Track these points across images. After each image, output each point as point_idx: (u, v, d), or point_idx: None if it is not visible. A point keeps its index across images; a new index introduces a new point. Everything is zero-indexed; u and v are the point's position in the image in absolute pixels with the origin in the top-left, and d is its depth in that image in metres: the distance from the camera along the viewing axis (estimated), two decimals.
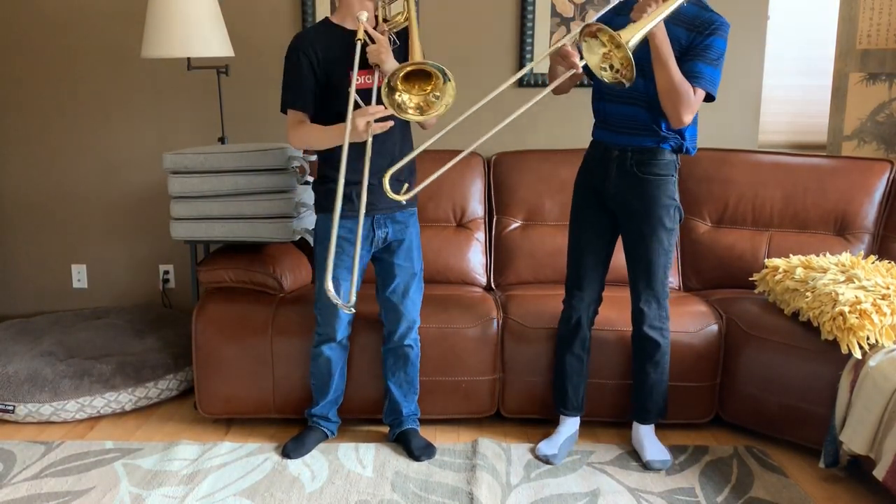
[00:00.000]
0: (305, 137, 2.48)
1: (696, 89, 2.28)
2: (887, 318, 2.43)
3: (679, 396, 2.75)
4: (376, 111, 2.29)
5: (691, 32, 2.31)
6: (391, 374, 2.66)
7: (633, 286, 2.56)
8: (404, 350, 2.64)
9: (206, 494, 2.39)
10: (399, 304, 2.60)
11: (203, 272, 2.89)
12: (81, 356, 3.05)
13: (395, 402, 2.68)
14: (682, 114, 2.28)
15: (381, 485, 2.46)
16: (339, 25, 2.45)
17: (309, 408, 2.72)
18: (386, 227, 2.54)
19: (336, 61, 2.40)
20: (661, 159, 2.44)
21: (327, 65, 2.41)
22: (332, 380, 2.65)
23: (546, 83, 3.56)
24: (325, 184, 2.50)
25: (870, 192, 3.20)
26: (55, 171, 3.74)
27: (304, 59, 2.41)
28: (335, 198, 2.30)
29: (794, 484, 2.49)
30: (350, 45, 2.36)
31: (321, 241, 2.54)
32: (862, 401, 2.35)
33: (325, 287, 2.24)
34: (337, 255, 2.44)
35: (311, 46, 2.41)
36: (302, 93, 2.44)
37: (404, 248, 2.59)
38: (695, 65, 2.30)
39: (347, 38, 2.39)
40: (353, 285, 2.32)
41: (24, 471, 2.53)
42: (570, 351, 2.65)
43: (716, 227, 3.30)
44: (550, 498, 2.40)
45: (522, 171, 3.35)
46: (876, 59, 3.56)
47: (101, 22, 3.59)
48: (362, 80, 2.39)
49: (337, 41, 2.41)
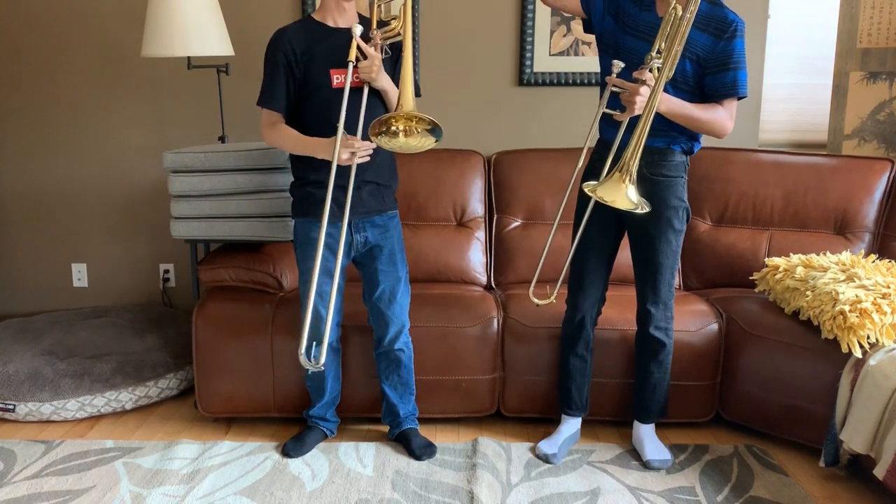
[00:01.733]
0: (280, 140, 2.46)
1: (731, 100, 2.35)
2: (888, 317, 2.43)
3: (679, 395, 2.76)
4: (362, 147, 2.28)
5: (710, 36, 2.30)
6: (385, 378, 2.66)
7: (639, 287, 2.55)
8: (396, 354, 2.63)
9: (206, 493, 2.39)
10: (386, 310, 2.58)
11: (203, 271, 2.89)
12: (82, 355, 3.05)
13: (391, 403, 2.67)
14: (723, 133, 2.39)
15: (382, 484, 2.46)
16: (320, 22, 2.43)
17: (307, 409, 2.72)
18: (364, 230, 2.50)
19: (315, 59, 2.37)
20: (671, 160, 2.43)
21: (306, 63, 2.38)
22: (326, 382, 2.64)
23: (546, 82, 3.58)
24: (303, 187, 2.48)
25: (870, 191, 3.20)
26: (55, 170, 3.74)
27: (282, 57, 2.37)
28: (315, 202, 2.33)
29: (794, 483, 2.49)
30: (331, 42, 2.35)
31: (301, 247, 2.52)
32: (862, 400, 2.35)
33: (300, 353, 2.22)
34: (313, 260, 2.44)
35: (290, 43, 2.37)
36: (276, 94, 2.40)
37: (386, 253, 2.56)
38: (725, 76, 2.33)
39: (327, 36, 2.38)
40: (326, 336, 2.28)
41: (24, 470, 2.53)
42: (574, 351, 2.65)
43: (716, 225, 3.30)
44: (551, 497, 2.40)
45: (523, 171, 3.35)
46: (876, 58, 3.55)
47: (101, 21, 3.59)
48: (341, 78, 2.36)
49: (317, 38, 2.38)
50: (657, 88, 2.20)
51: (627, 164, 2.22)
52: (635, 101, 2.24)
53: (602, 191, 2.25)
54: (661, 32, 2.25)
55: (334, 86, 2.37)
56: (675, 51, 2.20)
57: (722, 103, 2.36)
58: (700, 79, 2.35)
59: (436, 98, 3.55)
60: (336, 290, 2.39)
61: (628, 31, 2.41)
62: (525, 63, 3.55)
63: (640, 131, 2.21)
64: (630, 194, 2.23)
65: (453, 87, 3.57)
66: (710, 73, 2.34)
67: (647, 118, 2.21)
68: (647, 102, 2.22)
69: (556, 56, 3.56)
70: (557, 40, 3.55)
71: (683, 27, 2.19)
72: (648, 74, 2.23)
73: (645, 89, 2.23)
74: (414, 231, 3.26)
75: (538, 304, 2.56)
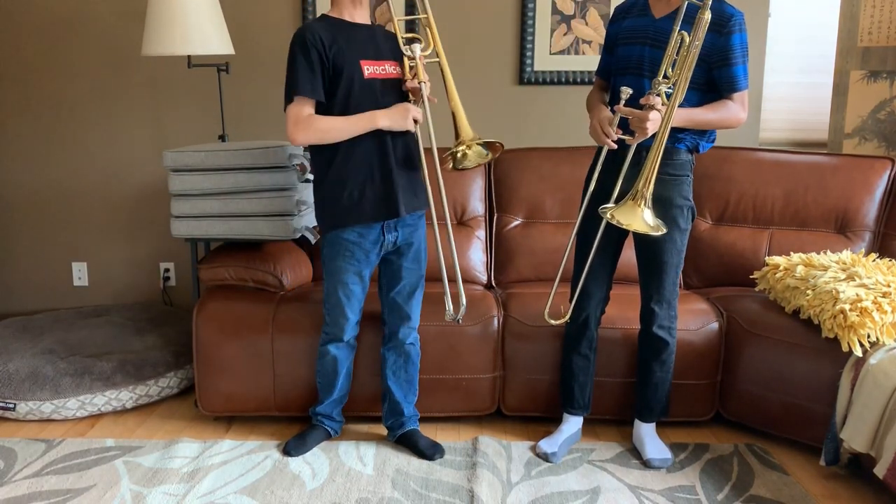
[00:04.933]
0: (323, 129, 2.35)
1: (736, 95, 2.37)
2: (888, 316, 2.43)
3: (680, 394, 2.76)
4: (420, 114, 2.37)
5: (711, 33, 2.30)
6: (392, 374, 2.65)
7: (644, 286, 2.55)
8: (407, 349, 2.63)
9: (206, 492, 2.40)
10: (404, 304, 2.59)
11: (204, 270, 2.89)
12: (82, 354, 3.05)
13: (395, 402, 2.66)
14: (737, 125, 2.42)
15: (382, 483, 2.46)
16: (339, 18, 2.43)
17: (314, 406, 2.72)
18: (395, 230, 2.50)
19: (344, 51, 2.36)
20: (676, 159, 2.43)
21: (335, 54, 2.36)
22: (338, 378, 2.64)
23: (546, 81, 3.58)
24: (343, 191, 2.41)
25: (871, 190, 3.20)
26: (56, 170, 3.74)
27: (312, 47, 2.33)
28: (366, 202, 2.39)
29: (794, 482, 2.49)
30: (355, 35, 2.38)
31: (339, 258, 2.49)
32: (862, 399, 2.35)
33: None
34: (346, 260, 2.47)
35: (318, 35, 2.35)
36: (314, 81, 2.34)
37: (413, 250, 2.58)
38: (726, 71, 2.34)
39: (350, 29, 2.40)
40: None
41: (24, 468, 2.53)
42: (577, 350, 2.65)
43: (717, 224, 3.30)
44: (551, 496, 2.40)
45: (523, 170, 3.35)
46: (877, 57, 3.55)
47: (101, 20, 3.59)
48: (377, 69, 2.40)
49: (341, 31, 2.39)
50: (668, 118, 2.22)
51: (641, 191, 2.25)
52: (646, 128, 2.25)
53: (619, 214, 2.27)
54: (668, 59, 2.25)
55: (366, 76, 2.38)
56: (685, 77, 2.22)
57: (731, 97, 2.37)
58: (706, 74, 2.36)
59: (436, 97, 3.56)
60: (363, 291, 2.54)
61: (619, 43, 2.47)
62: (525, 62, 3.55)
63: (653, 161, 2.24)
64: (647, 217, 2.26)
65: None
66: (714, 67, 2.35)
67: (659, 149, 2.24)
68: (660, 128, 2.24)
69: (556, 55, 3.56)
70: (558, 39, 3.55)
71: (690, 58, 2.21)
72: (656, 99, 2.24)
73: (654, 114, 2.24)
74: None
75: (553, 324, 2.58)
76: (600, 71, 2.60)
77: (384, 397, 2.70)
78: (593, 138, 2.42)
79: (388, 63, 2.43)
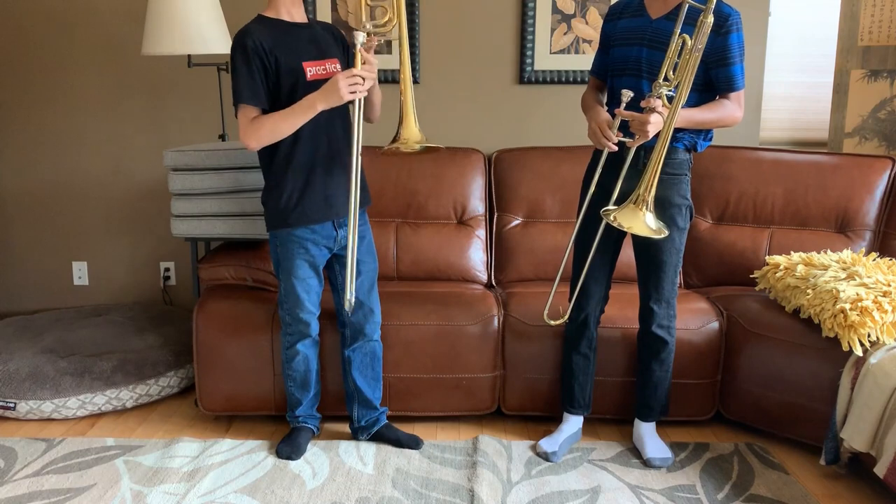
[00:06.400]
0: (267, 127, 2.29)
1: (733, 94, 2.37)
2: (888, 316, 2.43)
3: (680, 393, 2.76)
4: (362, 73, 2.22)
5: (709, 33, 2.30)
6: (359, 374, 2.63)
7: (642, 285, 2.55)
8: (372, 346, 2.63)
9: (207, 491, 2.40)
10: (366, 300, 2.58)
11: (204, 269, 2.89)
12: (82, 353, 3.06)
13: (365, 398, 2.65)
14: (734, 123, 2.42)
15: (382, 482, 2.46)
16: (276, 19, 2.38)
17: (291, 411, 2.68)
18: (345, 225, 2.47)
19: (285, 53, 2.33)
20: (674, 158, 2.43)
21: (276, 57, 2.32)
22: (312, 375, 2.63)
23: (546, 80, 3.58)
24: (293, 193, 2.40)
25: (871, 189, 3.20)
26: (56, 169, 3.74)
27: (254, 53, 2.29)
28: (307, 204, 2.39)
29: (794, 481, 2.49)
30: (295, 36, 2.36)
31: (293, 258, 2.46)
32: (863, 398, 2.35)
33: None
34: (300, 256, 2.47)
35: (258, 39, 2.30)
36: (257, 89, 2.31)
37: (366, 243, 2.57)
38: (723, 71, 2.34)
39: (289, 30, 2.37)
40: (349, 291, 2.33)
41: (25, 468, 2.53)
42: (577, 349, 2.65)
43: (717, 224, 3.30)
44: (551, 495, 2.40)
45: (523, 169, 3.35)
46: (877, 56, 3.55)
47: (101, 19, 3.58)
48: (319, 69, 2.36)
49: (280, 33, 2.35)
50: (670, 121, 2.22)
51: (643, 195, 2.25)
52: (647, 131, 2.25)
53: (621, 217, 2.27)
54: (669, 62, 2.24)
55: (309, 78, 2.35)
56: (687, 81, 2.21)
57: (727, 96, 2.37)
58: (704, 74, 2.36)
59: (436, 96, 3.56)
60: (319, 285, 2.55)
61: (614, 44, 2.46)
62: (525, 61, 3.55)
63: (655, 165, 2.23)
64: (649, 221, 2.26)
65: (454, 86, 3.57)
66: (712, 67, 2.35)
67: (661, 152, 2.23)
68: (662, 131, 2.23)
69: (556, 54, 3.56)
70: (558, 38, 3.55)
71: (693, 61, 2.20)
72: (657, 101, 2.24)
73: (655, 117, 2.23)
74: (414, 229, 3.26)
75: (552, 325, 2.59)
76: (595, 70, 2.60)
77: (351, 398, 2.68)
78: (592, 141, 2.41)
79: (330, 62, 2.40)
